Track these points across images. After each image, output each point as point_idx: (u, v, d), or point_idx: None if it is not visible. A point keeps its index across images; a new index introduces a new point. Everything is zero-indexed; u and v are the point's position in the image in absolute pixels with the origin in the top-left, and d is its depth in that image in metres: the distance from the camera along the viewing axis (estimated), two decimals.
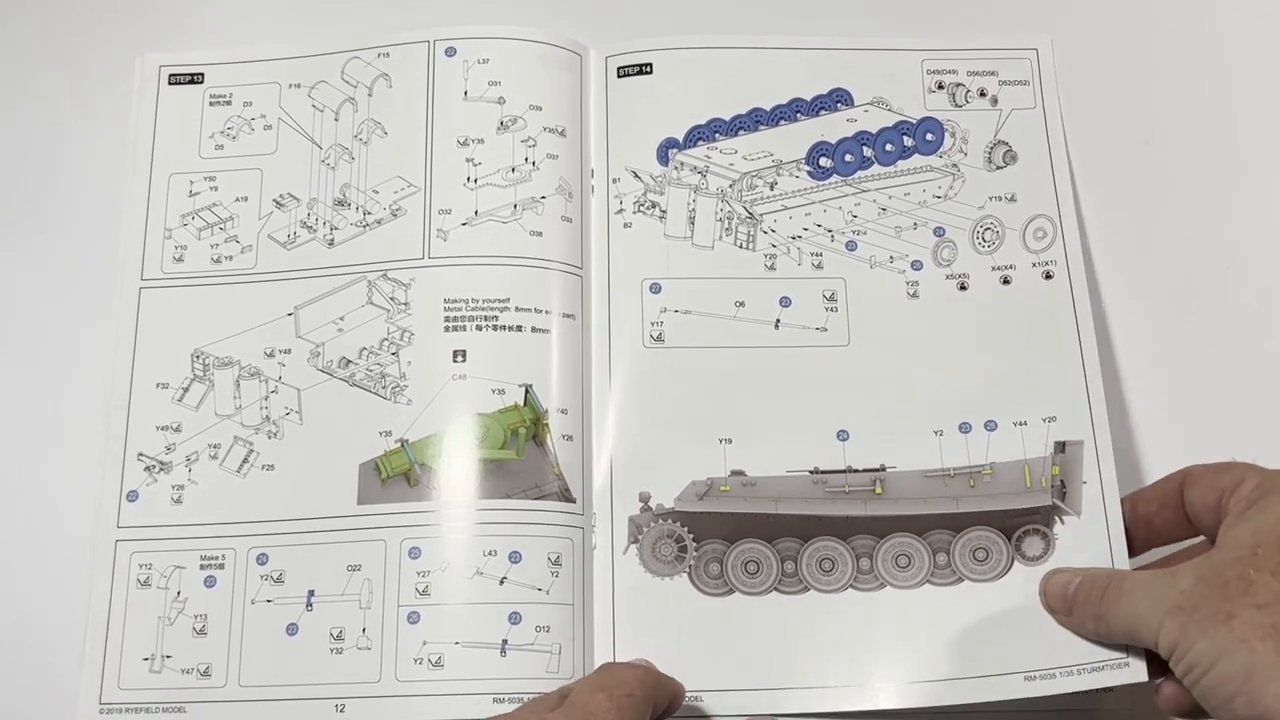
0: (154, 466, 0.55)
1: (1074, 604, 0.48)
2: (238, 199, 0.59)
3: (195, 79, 0.61)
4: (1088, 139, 0.61)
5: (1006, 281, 0.57)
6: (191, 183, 0.59)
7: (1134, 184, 0.61)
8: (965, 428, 0.54)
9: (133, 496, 0.54)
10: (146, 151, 0.60)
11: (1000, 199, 0.58)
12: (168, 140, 0.60)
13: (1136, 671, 0.48)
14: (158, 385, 0.56)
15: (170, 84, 0.61)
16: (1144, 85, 0.63)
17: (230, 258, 0.58)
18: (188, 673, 0.52)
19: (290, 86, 0.60)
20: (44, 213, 0.60)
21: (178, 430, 0.55)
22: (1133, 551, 0.51)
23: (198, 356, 0.56)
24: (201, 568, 0.53)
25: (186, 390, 0.56)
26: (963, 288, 0.57)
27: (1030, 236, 0.57)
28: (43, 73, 0.63)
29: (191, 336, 0.57)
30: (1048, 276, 0.56)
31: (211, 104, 0.61)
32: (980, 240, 0.57)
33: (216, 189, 0.59)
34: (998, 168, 0.58)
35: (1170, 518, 0.49)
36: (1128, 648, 0.48)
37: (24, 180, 0.61)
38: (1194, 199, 0.61)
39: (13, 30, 0.64)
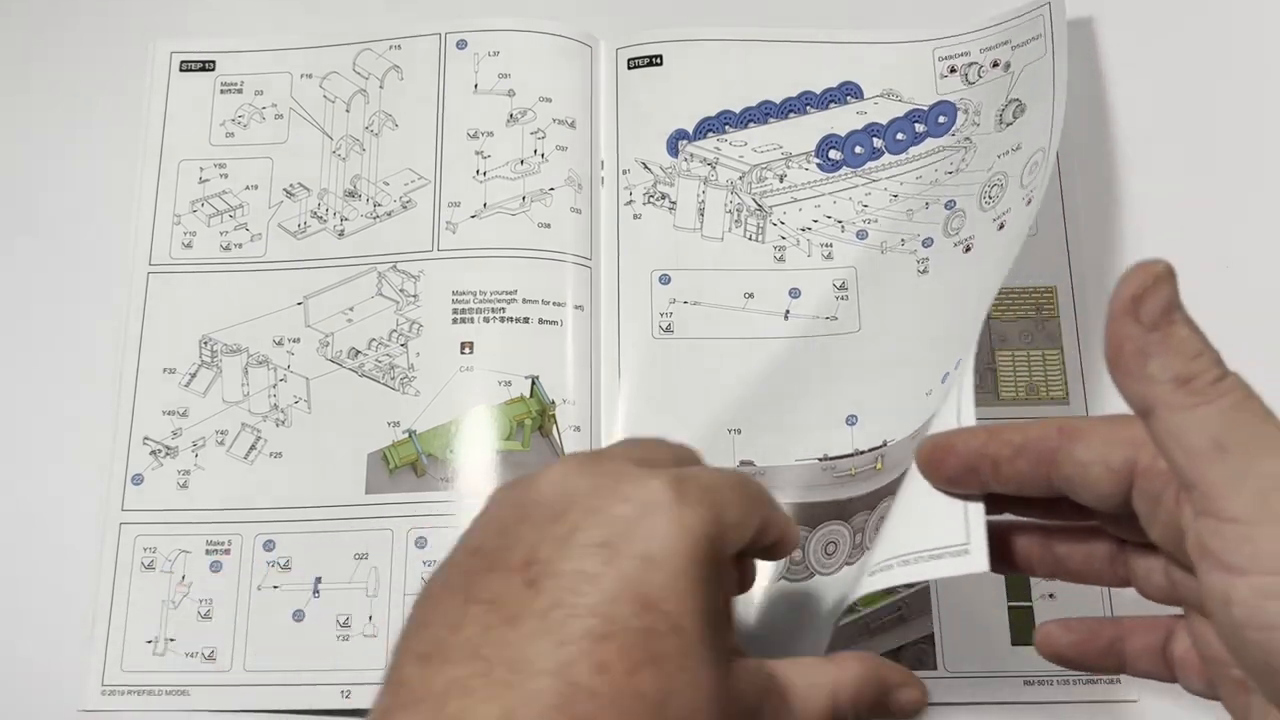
0: (160, 451, 0.55)
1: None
2: (248, 187, 0.59)
3: (207, 66, 0.61)
4: (1086, 133, 0.59)
5: (1001, 227, 0.52)
6: (201, 169, 0.59)
7: (1133, 182, 0.59)
8: None
9: (138, 480, 0.55)
10: (157, 137, 0.60)
11: (1007, 153, 0.55)
12: (178, 127, 0.60)
13: (977, 560, 0.36)
14: (165, 370, 0.56)
15: (182, 71, 0.61)
16: (1146, 83, 0.60)
17: (240, 245, 0.58)
18: (192, 656, 0.52)
19: (302, 77, 0.61)
20: (55, 199, 0.60)
21: (184, 415, 0.55)
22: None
23: (205, 343, 0.56)
24: (207, 553, 0.53)
25: (194, 376, 0.56)
26: (968, 249, 0.54)
27: (1026, 173, 0.52)
28: (55, 58, 0.63)
29: (200, 322, 0.57)
30: (1029, 201, 0.50)
31: (223, 91, 0.61)
32: (987, 199, 0.54)
33: (226, 176, 0.59)
34: (1007, 125, 0.56)
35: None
36: (969, 531, 0.37)
37: (35, 167, 0.61)
38: (1193, 198, 0.58)
39: (25, 15, 0.64)
